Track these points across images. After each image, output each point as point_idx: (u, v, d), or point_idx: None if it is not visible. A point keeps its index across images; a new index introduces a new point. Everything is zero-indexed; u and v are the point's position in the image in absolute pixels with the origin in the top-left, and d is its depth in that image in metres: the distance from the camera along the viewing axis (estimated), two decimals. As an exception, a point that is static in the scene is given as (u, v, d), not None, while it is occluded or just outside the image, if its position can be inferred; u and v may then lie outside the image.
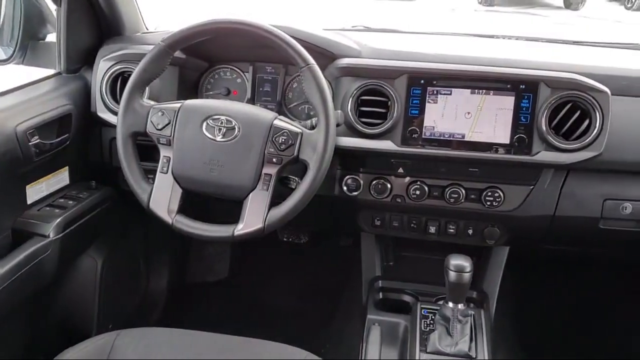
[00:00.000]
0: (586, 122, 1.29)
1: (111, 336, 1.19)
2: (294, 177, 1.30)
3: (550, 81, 1.29)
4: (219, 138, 1.24)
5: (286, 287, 2.32)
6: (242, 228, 1.23)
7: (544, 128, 1.29)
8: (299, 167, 1.26)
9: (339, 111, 1.32)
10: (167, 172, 1.28)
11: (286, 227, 2.23)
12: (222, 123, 1.24)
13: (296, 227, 2.20)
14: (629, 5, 11.78)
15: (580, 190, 1.39)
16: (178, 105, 1.28)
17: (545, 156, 1.31)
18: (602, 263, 1.99)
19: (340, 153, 1.40)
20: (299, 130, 1.23)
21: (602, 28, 9.29)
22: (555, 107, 1.30)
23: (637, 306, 2.05)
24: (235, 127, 1.24)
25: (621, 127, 1.32)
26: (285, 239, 2.30)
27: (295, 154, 1.22)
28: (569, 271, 2.08)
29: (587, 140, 1.28)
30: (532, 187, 1.39)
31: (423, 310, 1.44)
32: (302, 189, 1.22)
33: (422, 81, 1.34)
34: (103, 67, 1.52)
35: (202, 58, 1.57)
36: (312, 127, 1.27)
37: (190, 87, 1.59)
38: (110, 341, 1.17)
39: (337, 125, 1.30)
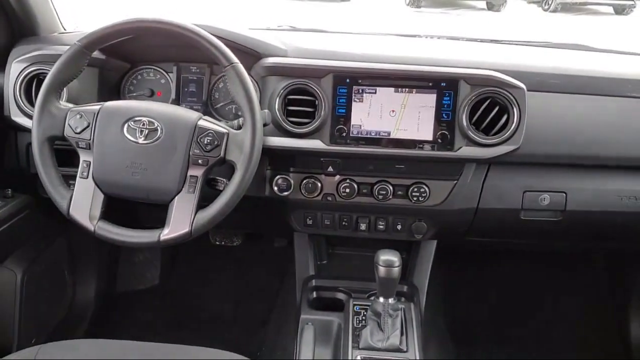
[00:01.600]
0: (504, 118, 1.34)
1: (32, 351, 1.13)
2: (221, 179, 1.28)
3: (470, 78, 1.33)
4: (141, 140, 1.21)
5: (221, 291, 2.29)
6: (168, 233, 1.20)
7: (464, 124, 1.33)
8: (227, 168, 1.24)
9: (266, 110, 1.32)
10: (87, 177, 1.23)
11: (218, 230, 2.21)
12: (144, 125, 1.21)
13: (228, 229, 2.17)
14: (546, 7, 12.46)
15: (501, 183, 1.45)
16: (97, 107, 1.24)
17: (466, 151, 1.35)
18: (524, 253, 2.08)
19: (269, 153, 1.39)
20: (224, 131, 1.22)
21: (521, 28, 9.74)
22: (475, 103, 1.34)
23: (559, 293, 2.16)
24: (158, 128, 1.21)
25: (537, 122, 1.37)
26: (217, 243, 2.27)
27: (222, 154, 1.21)
28: (494, 262, 2.16)
29: (505, 135, 1.33)
30: (455, 181, 1.44)
31: (355, 306, 1.46)
32: (229, 190, 1.20)
33: (348, 80, 1.36)
34: (16, 69, 1.44)
35: (123, 59, 1.52)
36: (239, 127, 1.26)
37: (111, 89, 1.53)
38: (32, 356, 1.11)
39: (265, 124, 1.29)
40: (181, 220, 1.20)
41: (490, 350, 1.99)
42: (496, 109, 1.34)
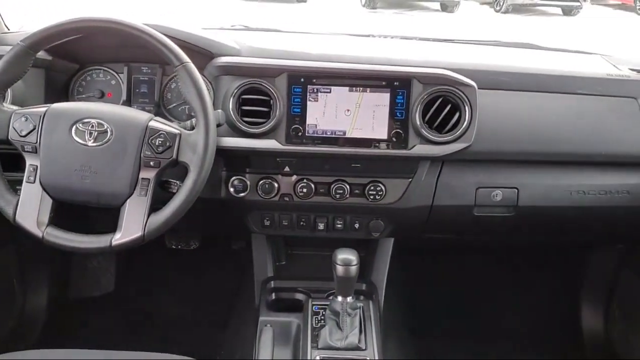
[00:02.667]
0: (456, 116, 1.36)
1: None
2: (174, 181, 1.26)
3: (422, 77, 1.35)
4: (90, 143, 1.18)
5: (178, 295, 2.25)
6: (120, 237, 1.17)
7: (418, 122, 1.35)
8: (180, 170, 1.22)
9: (219, 110, 1.30)
10: (34, 182, 1.19)
11: (173, 233, 2.18)
12: (92, 127, 1.18)
13: (184, 232, 2.14)
14: (498, 9, 12.78)
15: (454, 180, 1.47)
16: (43, 109, 1.20)
17: (420, 149, 1.37)
18: (480, 248, 2.12)
19: (224, 154, 1.37)
20: (176, 131, 1.19)
21: (474, 28, 9.95)
22: (427, 102, 1.35)
23: (514, 287, 2.21)
24: (108, 130, 1.18)
25: (489, 119, 1.40)
26: (174, 246, 2.23)
27: (174, 156, 1.19)
28: (451, 258, 2.20)
29: (458, 132, 1.35)
30: (410, 179, 1.45)
31: (314, 306, 1.45)
32: (183, 192, 1.18)
33: (302, 79, 1.35)
34: None
35: (71, 59, 1.48)
36: (192, 128, 1.24)
37: (59, 91, 1.49)
38: None
39: (218, 125, 1.28)
40: (133, 224, 1.17)
41: (449, 345, 2.02)
42: (448, 107, 1.36)
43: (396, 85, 1.35)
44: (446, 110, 1.36)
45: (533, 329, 2.13)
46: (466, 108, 1.35)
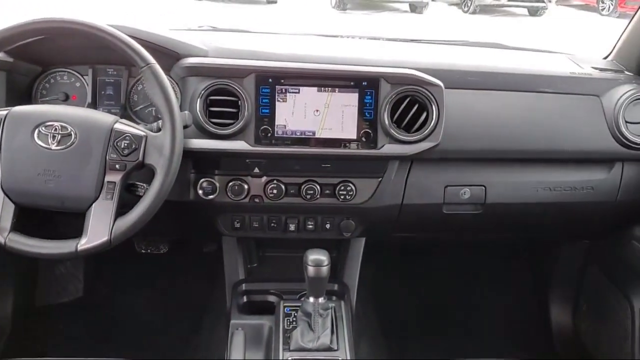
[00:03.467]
0: (424, 115, 1.37)
1: None
2: (141, 184, 1.24)
3: (390, 77, 1.35)
4: (53, 146, 1.15)
5: (149, 300, 2.22)
6: (85, 242, 1.15)
7: (386, 122, 1.35)
8: (147, 172, 1.20)
9: (187, 112, 1.29)
10: None
11: (143, 237, 2.14)
12: (56, 130, 1.16)
13: (153, 236, 2.10)
14: (466, 9, 12.97)
15: (423, 179, 1.48)
16: (4, 112, 1.17)
17: (389, 149, 1.37)
18: (451, 246, 2.14)
19: (193, 156, 1.36)
20: (142, 134, 1.18)
21: (443, 29, 10.07)
22: (395, 101, 1.36)
23: (485, 284, 2.23)
24: (72, 133, 1.16)
25: (456, 118, 1.41)
26: (143, 251, 2.19)
27: (140, 158, 1.17)
28: (422, 256, 2.21)
29: (425, 132, 1.36)
30: (380, 179, 1.45)
31: (286, 308, 1.44)
32: (150, 195, 1.17)
33: (270, 80, 1.34)
34: None
35: (34, 61, 1.45)
36: (159, 130, 1.22)
37: (21, 94, 1.45)
38: None
39: (186, 126, 1.26)
40: (99, 228, 1.15)
41: (421, 344, 2.03)
42: (416, 106, 1.36)
43: (364, 85, 1.35)
44: (414, 110, 1.37)
45: (504, 325, 2.16)
46: (433, 107, 1.36)
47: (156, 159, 1.17)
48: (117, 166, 1.16)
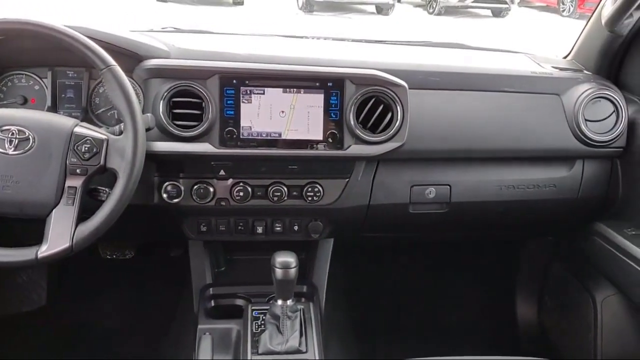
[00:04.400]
0: (389, 115, 1.37)
1: None
2: (103, 188, 1.21)
3: (354, 78, 1.36)
4: (10, 151, 1.12)
5: (116, 307, 2.18)
6: (46, 249, 1.12)
7: (352, 123, 1.35)
8: (109, 176, 1.17)
9: (149, 114, 1.26)
10: None
11: (108, 243, 2.10)
12: (13, 134, 1.12)
13: (118, 241, 2.07)
14: (431, 11, 13.14)
15: (390, 179, 1.49)
16: None
17: (355, 149, 1.37)
18: (419, 245, 2.16)
19: (156, 159, 1.34)
20: (104, 137, 1.15)
21: (409, 30, 10.18)
22: (361, 102, 1.36)
23: (453, 282, 2.26)
24: (30, 137, 1.12)
25: (420, 118, 1.42)
26: (109, 256, 2.15)
27: (102, 162, 1.14)
28: (391, 255, 2.23)
29: (391, 132, 1.37)
30: (347, 179, 1.45)
31: (254, 311, 1.43)
32: (112, 200, 1.14)
33: (235, 81, 1.33)
34: None
35: None
36: (121, 133, 1.20)
37: None
38: None
39: (148, 129, 1.24)
40: (60, 234, 1.12)
41: (391, 342, 2.04)
42: (381, 107, 1.37)
43: (330, 86, 1.35)
44: (379, 111, 1.37)
45: (472, 321, 2.18)
46: (398, 108, 1.36)
47: (118, 163, 1.15)
48: (77, 171, 1.13)
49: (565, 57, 1.75)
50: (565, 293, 1.90)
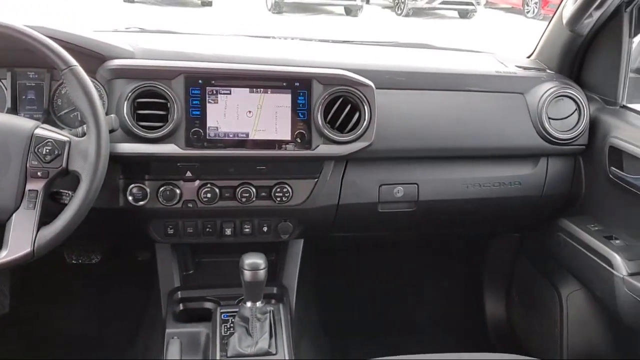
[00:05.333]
0: (357, 115, 1.37)
1: None
2: (66, 191, 1.19)
3: (321, 78, 1.35)
4: None
5: (83, 313, 2.13)
6: (6, 255, 1.09)
7: (320, 123, 1.35)
8: (72, 179, 1.15)
9: (113, 115, 1.24)
10: None
11: (73, 247, 2.05)
12: None
13: (83, 245, 2.02)
14: (399, 12, 13.27)
15: (358, 178, 1.49)
16: None
17: (324, 149, 1.37)
18: (389, 244, 2.17)
19: (121, 160, 1.31)
20: (65, 139, 1.13)
21: (377, 31, 10.26)
22: (328, 102, 1.36)
23: (423, 279, 2.28)
24: None
25: (388, 118, 1.43)
26: (74, 261, 2.10)
27: (64, 165, 1.12)
28: (362, 255, 2.23)
29: (358, 132, 1.37)
30: (316, 180, 1.45)
31: (223, 314, 1.42)
32: (75, 203, 1.12)
33: (200, 81, 1.32)
34: None
35: None
36: (84, 135, 1.17)
37: None
38: None
39: (112, 130, 1.22)
40: (21, 239, 1.09)
41: (362, 341, 2.05)
42: (348, 107, 1.37)
43: (297, 86, 1.35)
44: (347, 110, 1.37)
45: (442, 318, 2.20)
46: (365, 108, 1.37)
47: (81, 165, 1.12)
48: (38, 173, 1.11)
49: (528, 57, 1.77)
50: (532, 289, 1.93)
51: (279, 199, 1.43)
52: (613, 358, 1.65)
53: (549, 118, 1.52)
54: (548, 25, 1.67)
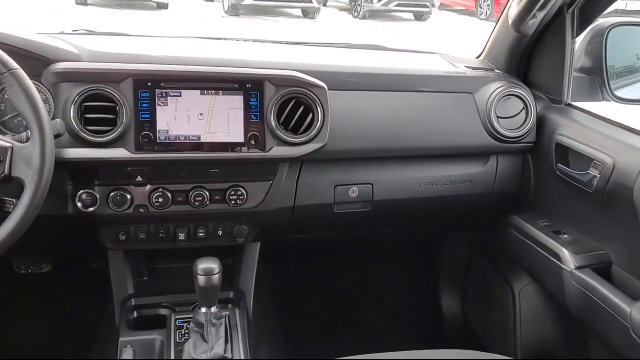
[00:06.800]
0: (310, 117, 1.37)
1: None
2: (9, 199, 1.15)
3: (274, 79, 1.35)
4: None
5: (35, 325, 2.06)
6: None
7: (273, 125, 1.35)
8: (16, 186, 1.11)
9: (59, 120, 1.21)
10: None
11: (22, 256, 1.99)
12: None
13: (34, 255, 1.96)
14: (356, 15, 13.40)
15: (314, 180, 1.49)
16: None
17: (278, 151, 1.36)
18: (347, 245, 2.18)
19: (69, 166, 1.28)
20: (7, 145, 1.09)
21: (335, 34, 10.32)
22: (281, 104, 1.35)
23: (382, 280, 2.29)
24: None
25: (341, 119, 1.44)
26: (23, 271, 2.03)
27: (6, 172, 1.08)
28: (320, 256, 2.24)
29: (312, 133, 1.37)
30: (271, 182, 1.45)
31: (178, 321, 1.40)
32: (19, 211, 1.08)
33: (150, 84, 1.29)
34: None
35: None
36: (28, 140, 1.13)
37: None
38: None
39: (58, 135, 1.19)
40: None
41: (322, 343, 2.05)
42: (302, 108, 1.37)
43: (249, 87, 1.34)
44: (300, 112, 1.37)
45: (400, 318, 2.23)
46: (318, 109, 1.37)
47: (25, 172, 1.08)
48: None
49: (478, 57, 1.81)
50: (486, 285, 1.97)
51: (233, 202, 1.41)
52: (564, 349, 1.70)
53: (498, 117, 1.55)
54: (495, 26, 1.70)
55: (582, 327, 1.51)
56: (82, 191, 1.33)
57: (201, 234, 1.48)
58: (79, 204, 1.33)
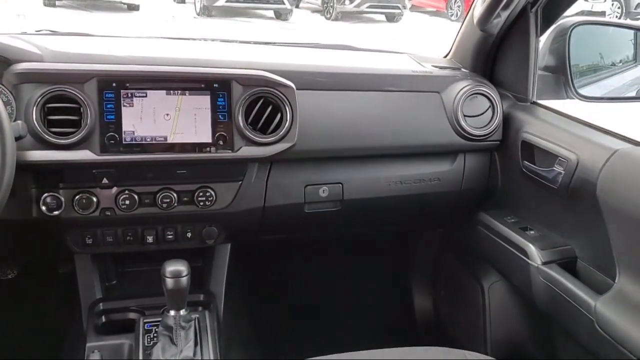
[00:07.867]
0: (278, 116, 1.37)
1: None
2: None
3: (241, 79, 1.34)
4: None
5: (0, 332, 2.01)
6: None
7: (241, 124, 1.34)
8: None
9: (20, 122, 1.18)
10: None
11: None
12: None
13: None
14: (328, 16, 13.44)
15: (283, 180, 1.49)
16: None
17: (246, 151, 1.36)
18: (316, 244, 2.18)
19: (32, 169, 1.26)
20: None
21: (305, 34, 10.34)
22: (249, 103, 1.35)
23: (354, 280, 2.30)
24: None
25: (310, 119, 1.43)
26: (-14, 277, 1.99)
27: None
28: (293, 257, 2.23)
29: (281, 133, 1.36)
30: (240, 182, 1.44)
31: (146, 324, 1.38)
32: None
33: (114, 84, 1.27)
34: None
35: None
36: None
37: None
38: None
39: (20, 137, 1.16)
40: None
41: (295, 344, 2.04)
42: (270, 108, 1.36)
43: (216, 87, 1.33)
44: (268, 111, 1.36)
45: (373, 316, 2.23)
46: (287, 109, 1.36)
47: None
48: None
49: (445, 57, 1.83)
50: (456, 282, 1.99)
51: (202, 203, 1.40)
52: (532, 343, 1.72)
53: (465, 115, 1.57)
54: (462, 26, 1.72)
55: (549, 321, 1.54)
56: (46, 194, 1.30)
57: (170, 236, 1.46)
58: (43, 208, 1.30)
